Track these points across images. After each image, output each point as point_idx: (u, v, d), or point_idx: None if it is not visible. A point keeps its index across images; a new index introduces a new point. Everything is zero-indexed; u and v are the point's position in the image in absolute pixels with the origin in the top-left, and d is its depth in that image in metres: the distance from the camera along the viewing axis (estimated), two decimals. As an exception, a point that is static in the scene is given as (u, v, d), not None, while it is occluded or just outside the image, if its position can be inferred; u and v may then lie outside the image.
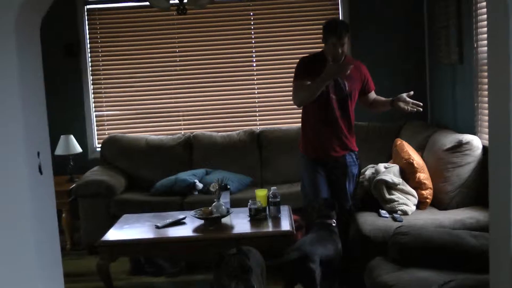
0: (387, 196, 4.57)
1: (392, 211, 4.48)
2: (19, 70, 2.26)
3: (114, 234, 4.52)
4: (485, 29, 3.39)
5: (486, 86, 4.25)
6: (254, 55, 6.52)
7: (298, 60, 4.57)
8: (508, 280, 2.34)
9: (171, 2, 5.00)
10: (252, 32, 6.54)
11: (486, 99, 2.99)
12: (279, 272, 3.98)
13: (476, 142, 4.55)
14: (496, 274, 2.52)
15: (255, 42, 6.51)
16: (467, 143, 4.56)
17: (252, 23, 6.51)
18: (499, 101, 2.42)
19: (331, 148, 4.45)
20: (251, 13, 6.49)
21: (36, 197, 2.36)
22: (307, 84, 4.30)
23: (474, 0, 4.80)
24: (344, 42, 4.28)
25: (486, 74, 4.16)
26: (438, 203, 4.64)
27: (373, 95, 4.68)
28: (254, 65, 6.52)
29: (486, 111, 4.17)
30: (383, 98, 4.64)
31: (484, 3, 4.49)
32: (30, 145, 2.34)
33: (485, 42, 3.77)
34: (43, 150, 2.44)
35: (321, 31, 4.37)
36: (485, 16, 3.50)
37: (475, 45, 4.85)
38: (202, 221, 4.55)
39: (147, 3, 5.21)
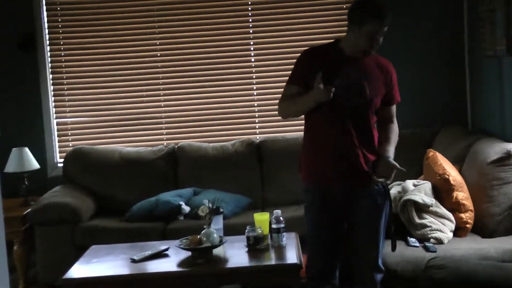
0: (417, 220, 4.57)
1: (423, 239, 4.50)
2: None
3: (79, 269, 4.47)
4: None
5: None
6: (252, 48, 6.57)
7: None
8: None
9: None
10: (250, 20, 6.60)
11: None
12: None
13: None
14: None
15: (253, 33, 6.55)
16: None
17: (250, 8, 6.56)
18: None
19: (343, 177, 4.01)
20: (249, 2, 6.55)
21: None
22: (293, 96, 4.00)
23: None
24: (385, 30, 3.93)
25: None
26: (482, 228, 4.65)
27: (391, 111, 4.22)
28: (253, 60, 6.57)
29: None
30: (388, 136, 4.18)
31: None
32: None
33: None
34: None
35: (344, 16, 4.12)
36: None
37: None
38: (189, 253, 4.49)
39: None
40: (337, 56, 3.98)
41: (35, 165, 6.13)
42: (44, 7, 6.49)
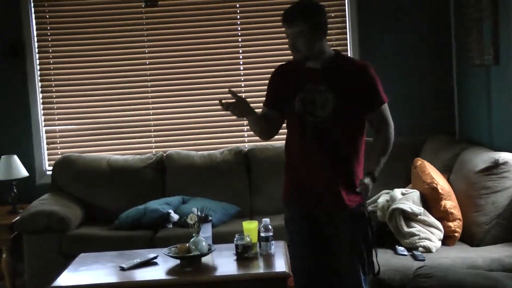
0: (406, 229, 4.59)
1: (411, 248, 4.51)
2: None
3: (68, 277, 4.45)
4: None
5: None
6: (241, 56, 6.59)
7: None
8: None
9: None
10: (239, 28, 6.63)
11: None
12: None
13: None
14: None
15: (242, 41, 6.58)
16: (505, 163, 4.60)
17: (238, 17, 6.59)
18: None
19: (316, 198, 3.83)
20: (237, 5, 6.57)
21: None
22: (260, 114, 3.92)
23: None
24: (301, 31, 3.64)
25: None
26: (470, 237, 4.66)
27: (378, 115, 3.86)
28: (242, 68, 6.58)
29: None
30: (376, 147, 3.90)
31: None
32: None
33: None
34: None
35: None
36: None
37: None
38: (177, 261, 4.49)
39: None
40: (297, 70, 3.81)
41: (24, 172, 6.13)
42: (33, 15, 6.50)
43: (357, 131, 3.80)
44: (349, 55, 6.47)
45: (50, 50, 6.56)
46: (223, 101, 3.82)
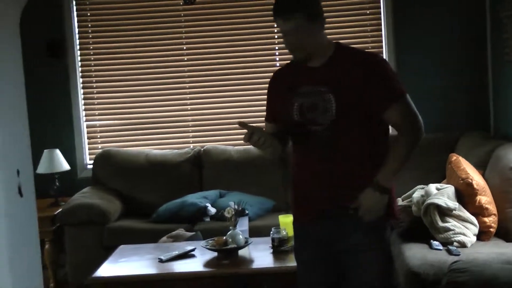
0: (440, 224, 4.55)
1: (446, 243, 4.46)
2: None
3: (108, 269, 4.51)
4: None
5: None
6: (277, 53, 6.59)
7: None
8: None
9: None
10: (275, 25, 6.52)
11: None
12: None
13: None
14: None
15: (279, 37, 6.52)
16: None
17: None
18: None
19: (324, 216, 3.19)
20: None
21: (15, 224, 2.40)
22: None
23: None
24: (295, 26, 3.03)
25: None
26: (505, 233, 4.63)
27: (395, 113, 3.13)
28: (278, 64, 6.55)
29: None
30: (390, 155, 3.15)
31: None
32: (8, 162, 2.38)
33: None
34: (24, 168, 2.48)
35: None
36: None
37: None
38: (215, 254, 4.53)
39: None
40: (292, 72, 3.23)
41: (65, 166, 6.20)
42: (75, 13, 6.58)
43: (376, 135, 3.15)
44: (384, 52, 6.49)
45: (91, 48, 6.64)
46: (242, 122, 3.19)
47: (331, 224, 3.13)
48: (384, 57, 6.35)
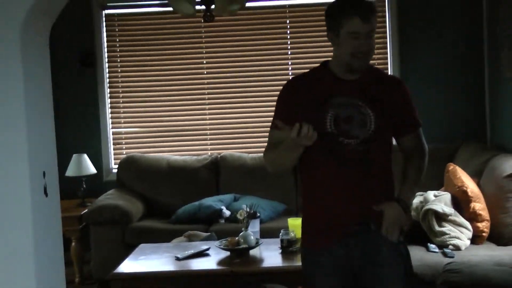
0: (437, 228, 4.57)
1: (442, 245, 4.49)
2: (24, 80, 2.35)
3: (128, 265, 4.51)
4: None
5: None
6: (290, 68, 6.58)
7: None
8: None
9: (197, 8, 5.10)
10: (288, 42, 6.62)
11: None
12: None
13: None
14: None
15: (292, 53, 6.58)
16: None
17: (288, 31, 6.61)
18: None
19: (352, 238, 2.88)
20: (288, 21, 6.58)
21: (40, 222, 2.43)
22: (278, 144, 2.85)
23: None
24: (374, 29, 2.82)
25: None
26: (497, 237, 4.62)
27: (415, 139, 3.01)
28: (291, 78, 6.56)
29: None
30: (409, 174, 2.99)
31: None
32: (35, 164, 2.41)
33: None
34: (49, 170, 2.51)
35: (326, 24, 2.90)
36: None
37: None
38: (228, 253, 4.52)
39: (171, 8, 5.33)
40: (325, 82, 2.91)
41: (92, 170, 6.22)
42: (104, 28, 6.60)
43: (390, 152, 2.99)
44: (389, 68, 6.49)
45: (119, 60, 6.66)
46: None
47: (356, 242, 2.85)
48: (390, 72, 6.38)
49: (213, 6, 5.00)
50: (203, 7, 5.02)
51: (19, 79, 2.32)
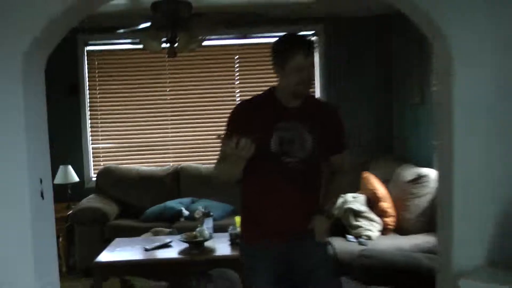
0: (354, 222, 4.64)
1: (358, 236, 4.55)
2: (24, 102, 2.35)
3: (106, 256, 4.47)
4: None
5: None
6: (237, 94, 6.56)
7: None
8: None
9: (163, 45, 5.06)
10: (236, 74, 6.59)
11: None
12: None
13: (433, 175, 4.61)
14: None
15: (239, 83, 6.57)
16: (425, 176, 4.64)
17: (236, 65, 6.58)
18: (445, 138, 2.59)
19: (291, 237, 2.79)
20: (236, 57, 6.56)
21: (38, 220, 2.42)
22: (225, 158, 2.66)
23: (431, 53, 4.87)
24: (313, 62, 2.80)
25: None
26: (400, 229, 4.68)
27: (341, 159, 2.93)
28: (240, 102, 6.54)
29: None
30: (329, 191, 2.95)
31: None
32: (33, 172, 2.41)
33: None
34: (45, 177, 2.51)
35: (272, 59, 2.77)
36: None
37: (434, 89, 4.87)
38: (187, 245, 4.52)
39: (141, 46, 5.29)
40: (272, 107, 2.78)
41: (76, 178, 6.16)
42: (86, 64, 6.51)
43: (322, 171, 2.90)
44: (317, 93, 6.47)
45: (97, 88, 6.59)
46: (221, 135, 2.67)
47: (296, 245, 2.77)
48: None
49: (176, 45, 4.96)
50: (168, 45, 4.98)
51: (20, 101, 2.32)
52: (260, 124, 2.69)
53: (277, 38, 2.76)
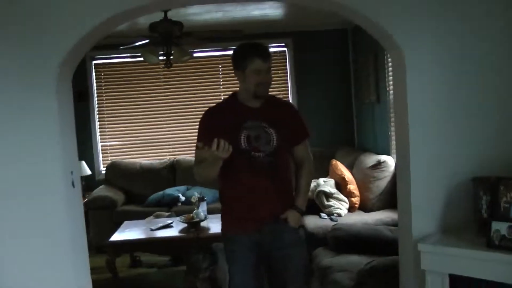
0: (326, 202, 4.66)
1: (329, 214, 4.58)
2: (58, 108, 2.41)
3: (118, 236, 4.55)
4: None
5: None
6: (222, 97, 6.45)
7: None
8: (411, 260, 2.54)
9: (160, 58, 5.07)
10: (221, 79, 6.59)
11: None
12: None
13: (390, 161, 4.67)
14: (403, 256, 2.73)
15: (223, 88, 6.57)
16: (384, 162, 4.69)
17: (220, 72, 6.57)
18: (401, 131, 2.67)
19: (265, 223, 2.68)
20: (220, 66, 6.55)
21: (70, 205, 2.48)
22: (201, 161, 2.59)
23: (386, 58, 4.96)
24: (270, 66, 2.65)
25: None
26: (364, 207, 4.72)
27: (303, 148, 2.80)
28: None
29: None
30: (302, 184, 2.80)
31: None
32: (66, 165, 2.45)
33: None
34: (75, 170, 2.57)
35: (233, 65, 2.73)
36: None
37: (388, 89, 4.96)
38: (185, 225, 4.54)
39: (141, 58, 5.27)
40: (237, 110, 2.70)
41: (88, 172, 6.16)
42: (94, 73, 6.50)
43: (289, 160, 2.79)
44: (290, 98, 6.49)
45: (104, 95, 6.57)
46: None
47: (269, 230, 2.67)
48: (290, 100, 6.42)
49: (171, 57, 4.99)
50: (165, 58, 5.00)
51: (55, 108, 2.35)
52: (229, 125, 2.62)
53: (236, 47, 2.69)
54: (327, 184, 4.80)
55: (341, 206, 4.65)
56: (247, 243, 2.65)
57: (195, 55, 5.91)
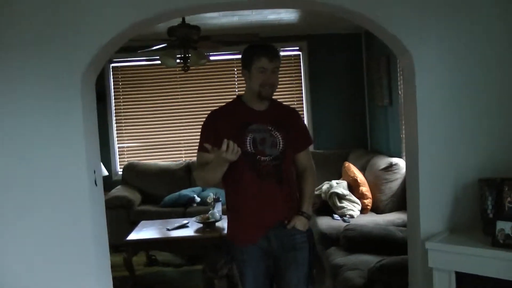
0: (339, 204, 4.66)
1: (342, 215, 4.58)
2: (83, 112, 2.50)
3: (135, 235, 4.58)
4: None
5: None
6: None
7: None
8: (419, 258, 2.60)
9: (177, 61, 5.11)
10: (236, 82, 6.58)
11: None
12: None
13: (402, 164, 4.65)
14: (411, 254, 2.78)
15: (238, 89, 6.55)
16: (396, 164, 4.69)
17: (235, 74, 6.57)
18: (411, 132, 2.73)
19: (273, 228, 2.62)
20: (235, 69, 6.53)
21: (93, 202, 2.56)
22: (205, 164, 2.55)
23: (398, 62, 4.95)
24: (277, 67, 2.57)
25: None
26: (376, 208, 4.71)
27: (306, 155, 2.75)
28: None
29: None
30: (308, 189, 2.74)
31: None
32: (89, 165, 2.54)
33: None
34: (97, 169, 2.66)
35: (242, 64, 2.64)
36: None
37: (400, 93, 4.97)
38: (201, 225, 4.57)
39: (158, 62, 5.30)
40: (242, 112, 2.64)
41: (106, 172, 6.06)
42: (111, 76, 6.55)
43: (292, 165, 2.72)
44: (304, 101, 6.50)
45: (121, 97, 6.59)
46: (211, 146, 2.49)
47: (276, 235, 2.61)
48: (304, 104, 6.42)
49: (189, 61, 5.02)
50: (182, 61, 5.03)
51: (79, 112, 2.43)
52: (234, 128, 2.55)
53: (246, 47, 2.63)
54: (340, 186, 4.81)
55: (353, 207, 4.65)
56: (258, 253, 2.59)
57: (211, 58, 5.91)
